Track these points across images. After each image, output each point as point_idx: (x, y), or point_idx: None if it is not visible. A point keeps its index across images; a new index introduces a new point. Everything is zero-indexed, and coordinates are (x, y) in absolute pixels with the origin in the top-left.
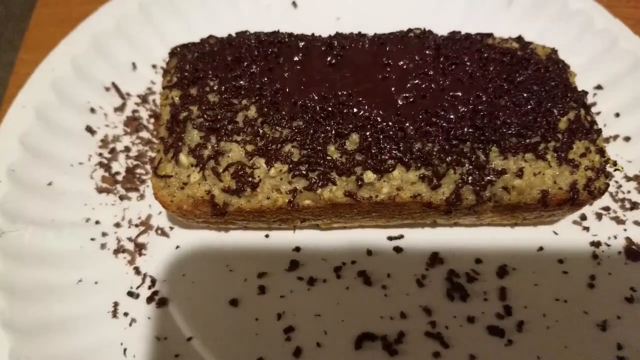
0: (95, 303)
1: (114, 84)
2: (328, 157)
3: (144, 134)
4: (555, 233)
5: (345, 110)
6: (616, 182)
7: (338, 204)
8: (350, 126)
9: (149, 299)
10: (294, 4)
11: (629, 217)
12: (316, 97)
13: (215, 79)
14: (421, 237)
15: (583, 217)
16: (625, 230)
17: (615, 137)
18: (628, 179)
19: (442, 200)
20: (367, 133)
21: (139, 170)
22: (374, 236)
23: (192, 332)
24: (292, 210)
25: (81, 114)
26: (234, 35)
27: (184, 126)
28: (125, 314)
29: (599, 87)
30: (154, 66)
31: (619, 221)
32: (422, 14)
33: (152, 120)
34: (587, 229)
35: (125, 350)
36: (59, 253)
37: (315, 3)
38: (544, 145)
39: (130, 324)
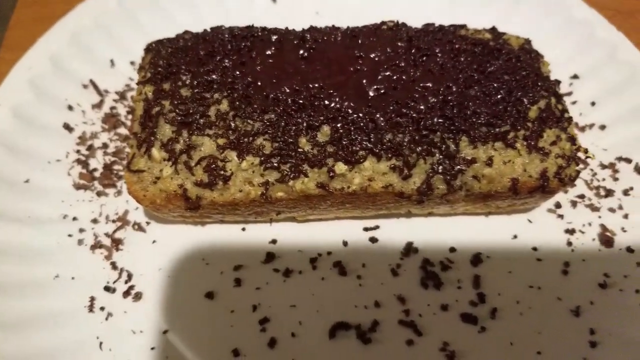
0: (71, 298)
1: (92, 81)
2: (300, 149)
3: (122, 131)
4: (530, 221)
5: (316, 103)
6: (591, 170)
7: (311, 195)
8: (322, 118)
9: (125, 294)
10: None
11: (604, 204)
12: (288, 90)
13: (188, 74)
14: (396, 228)
15: (558, 205)
16: (599, 217)
17: (591, 125)
18: (603, 166)
19: (413, 190)
20: (338, 125)
21: (116, 167)
22: (350, 227)
23: (167, 325)
24: (265, 203)
25: (59, 112)
26: (209, 30)
27: (157, 121)
28: (102, 309)
29: (575, 77)
30: (132, 63)
31: (594, 208)
32: (402, 7)
33: (130, 116)
34: (561, 216)
35: (101, 344)
36: (35, 249)
37: None
38: (513, 134)
39: (106, 318)
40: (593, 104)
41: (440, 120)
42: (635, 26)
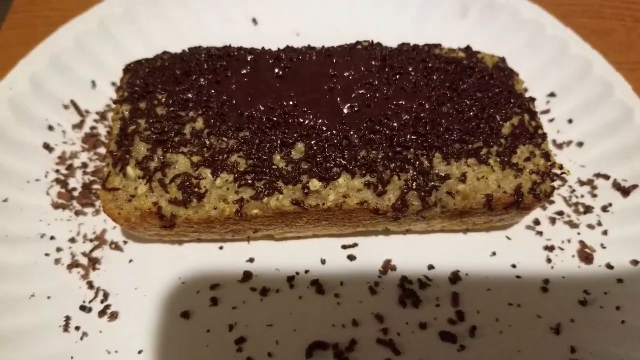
0: (47, 317)
1: (72, 102)
2: (274, 166)
3: (102, 150)
4: (509, 238)
5: (290, 120)
6: (569, 186)
7: (286, 212)
8: (296, 135)
9: (101, 313)
10: (254, 20)
11: (583, 220)
12: (262, 108)
13: (164, 93)
14: (374, 245)
15: (536, 222)
16: (578, 234)
17: (569, 142)
18: (581, 183)
19: (388, 207)
20: (312, 142)
21: (95, 186)
22: (328, 245)
23: (142, 345)
24: (240, 220)
25: (39, 131)
26: (187, 50)
27: (132, 139)
28: (77, 328)
29: (552, 95)
30: (113, 84)
31: (573, 225)
32: (379, 27)
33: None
34: (540, 233)
35: None
36: (12, 267)
37: (274, 19)
38: (486, 150)
39: (81, 338)
40: (570, 121)
41: (413, 137)
42: (611, 45)
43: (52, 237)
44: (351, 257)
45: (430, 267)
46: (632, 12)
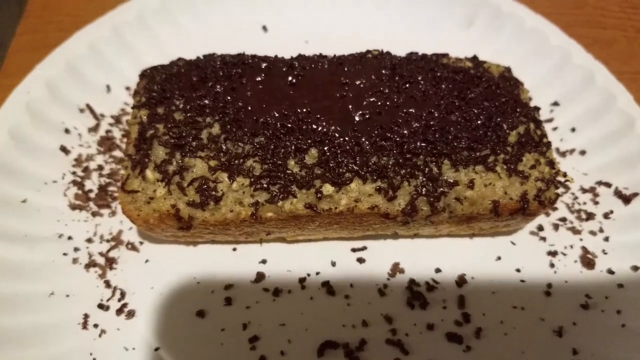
0: (65, 315)
1: (88, 106)
2: (288, 171)
3: (117, 153)
4: (513, 243)
5: (304, 127)
6: (572, 194)
7: (299, 215)
8: (309, 141)
9: (119, 311)
10: (264, 28)
11: (585, 227)
12: (277, 115)
13: (181, 99)
14: (383, 249)
15: (540, 228)
16: (581, 240)
17: (572, 151)
18: (584, 190)
19: (398, 211)
20: (325, 148)
21: (111, 188)
22: (338, 248)
23: (159, 342)
24: (255, 223)
25: (56, 135)
26: (202, 57)
27: (151, 143)
28: (95, 326)
29: (555, 104)
30: (127, 88)
31: (575, 231)
32: (386, 37)
33: (125, 139)
34: (544, 239)
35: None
36: (31, 267)
37: (284, 27)
38: (493, 158)
39: (99, 335)
40: (573, 130)
41: (423, 144)
42: (613, 55)
43: (69, 238)
44: (361, 260)
45: (438, 270)
46: (633, 22)
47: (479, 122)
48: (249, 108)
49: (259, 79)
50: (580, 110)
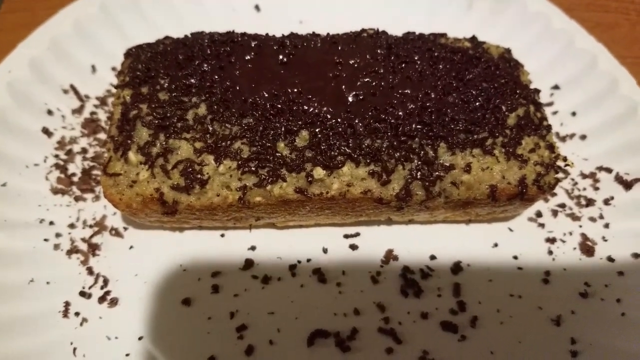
0: (46, 303)
1: (72, 86)
2: (278, 154)
3: (102, 136)
4: (511, 230)
5: (295, 108)
6: (572, 179)
7: (289, 200)
8: (300, 123)
9: (101, 299)
10: (257, 7)
11: (584, 213)
12: (266, 95)
13: (166, 78)
14: (377, 235)
15: (539, 214)
16: (580, 226)
17: (572, 135)
18: (584, 176)
19: (392, 196)
20: (317, 130)
21: (95, 172)
22: (330, 234)
23: (143, 331)
24: (243, 208)
25: (38, 116)
26: (189, 36)
27: (134, 124)
28: (77, 314)
29: (556, 87)
30: (114, 69)
31: (575, 218)
32: (384, 20)
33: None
34: (542, 225)
35: (75, 349)
36: (10, 253)
37: (277, 6)
38: (491, 141)
39: (81, 324)
40: (574, 114)
41: (418, 126)
42: (615, 38)
43: (51, 223)
44: (353, 247)
45: (432, 257)
46: (636, 6)
47: (477, 103)
48: (238, 88)
49: (249, 57)
50: (581, 94)
